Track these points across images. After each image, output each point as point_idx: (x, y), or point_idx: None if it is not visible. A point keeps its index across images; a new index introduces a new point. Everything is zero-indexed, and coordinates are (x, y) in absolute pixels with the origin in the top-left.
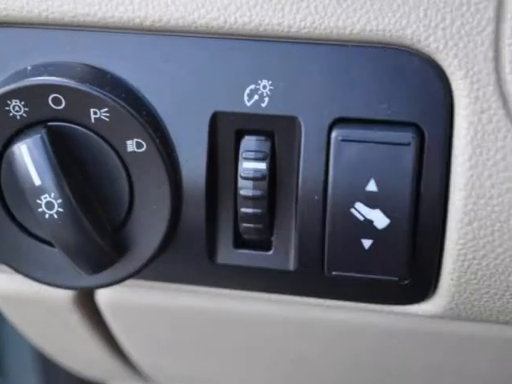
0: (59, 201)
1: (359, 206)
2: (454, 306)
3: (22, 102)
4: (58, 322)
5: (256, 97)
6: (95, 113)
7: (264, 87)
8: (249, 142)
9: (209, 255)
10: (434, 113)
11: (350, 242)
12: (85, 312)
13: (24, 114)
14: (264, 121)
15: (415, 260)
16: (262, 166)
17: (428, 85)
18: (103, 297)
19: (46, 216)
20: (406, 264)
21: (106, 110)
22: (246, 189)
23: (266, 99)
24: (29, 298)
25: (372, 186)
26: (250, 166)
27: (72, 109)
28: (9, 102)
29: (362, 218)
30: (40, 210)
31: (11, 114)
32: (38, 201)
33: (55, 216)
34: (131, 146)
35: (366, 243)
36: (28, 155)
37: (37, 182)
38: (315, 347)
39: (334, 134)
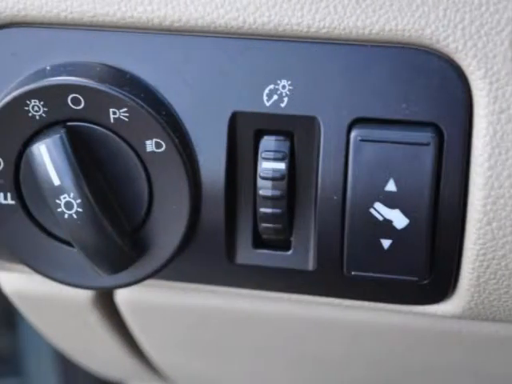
0: (78, 201)
1: (378, 205)
2: (473, 306)
3: (42, 102)
4: (77, 322)
5: (275, 97)
6: (114, 113)
7: (283, 87)
8: (268, 142)
9: (228, 255)
10: (453, 113)
11: (369, 241)
12: (104, 312)
13: (43, 114)
14: (283, 121)
15: (434, 260)
16: (282, 165)
17: (447, 85)
18: (122, 297)
19: (65, 216)
20: (425, 264)
21: (125, 109)
22: (265, 189)
23: (285, 99)
24: (48, 298)
25: (391, 186)
26: (269, 165)
27: (91, 109)
28: (28, 102)
29: (381, 218)
30: (59, 210)
31: (30, 114)
32: (57, 201)
33: (74, 216)
34: (150, 145)
35: (386, 243)
36: (47, 155)
37: (56, 182)
38: (334, 347)
39: (353, 134)
